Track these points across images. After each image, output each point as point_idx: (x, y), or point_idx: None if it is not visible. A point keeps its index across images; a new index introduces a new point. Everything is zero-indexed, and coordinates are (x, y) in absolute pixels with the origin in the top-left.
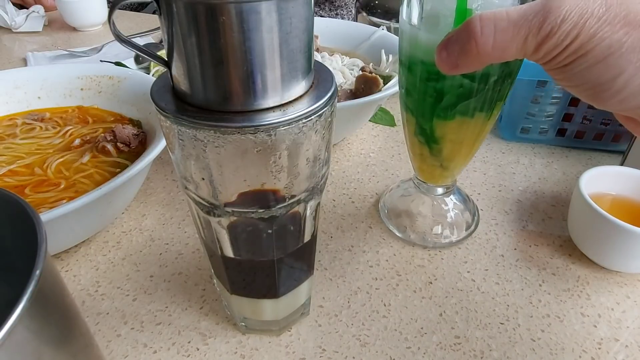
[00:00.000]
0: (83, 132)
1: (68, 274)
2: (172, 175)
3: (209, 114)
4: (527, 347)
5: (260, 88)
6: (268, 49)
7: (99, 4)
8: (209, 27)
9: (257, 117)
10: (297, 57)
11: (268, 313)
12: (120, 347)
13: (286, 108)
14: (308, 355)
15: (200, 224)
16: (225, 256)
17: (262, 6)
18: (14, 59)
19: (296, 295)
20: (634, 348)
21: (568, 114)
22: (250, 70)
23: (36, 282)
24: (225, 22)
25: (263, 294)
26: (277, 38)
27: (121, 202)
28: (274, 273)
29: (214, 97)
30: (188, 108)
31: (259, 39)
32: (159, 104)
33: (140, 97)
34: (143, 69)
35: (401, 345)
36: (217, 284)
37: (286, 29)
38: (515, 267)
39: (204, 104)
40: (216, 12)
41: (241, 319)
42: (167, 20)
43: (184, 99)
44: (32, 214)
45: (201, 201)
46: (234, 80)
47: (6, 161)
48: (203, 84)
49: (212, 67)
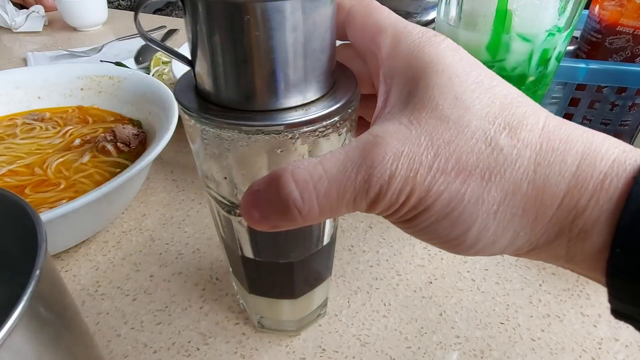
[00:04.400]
0: (83, 132)
1: (68, 274)
2: (172, 175)
3: (232, 113)
4: (527, 347)
5: (283, 87)
6: (292, 48)
7: (99, 4)
8: (234, 27)
9: (280, 116)
10: (320, 57)
11: (286, 313)
12: (120, 347)
13: (308, 107)
14: (308, 355)
15: (221, 223)
16: (244, 256)
17: (287, 5)
18: (14, 59)
19: (314, 296)
20: (634, 348)
21: (568, 114)
22: (274, 69)
23: (36, 282)
24: (251, 21)
25: (281, 294)
26: (301, 37)
27: (121, 202)
28: (292, 274)
29: (237, 96)
30: (211, 107)
31: (284, 38)
32: (183, 103)
33: (140, 97)
34: (143, 69)
35: (401, 345)
36: (235, 282)
37: (310, 28)
38: (515, 267)
39: (227, 102)
40: (241, 12)
41: (258, 317)
42: (191, 19)
43: (207, 98)
44: (32, 214)
45: (222, 200)
46: (258, 79)
47: (6, 161)
48: (227, 83)
49: (237, 66)
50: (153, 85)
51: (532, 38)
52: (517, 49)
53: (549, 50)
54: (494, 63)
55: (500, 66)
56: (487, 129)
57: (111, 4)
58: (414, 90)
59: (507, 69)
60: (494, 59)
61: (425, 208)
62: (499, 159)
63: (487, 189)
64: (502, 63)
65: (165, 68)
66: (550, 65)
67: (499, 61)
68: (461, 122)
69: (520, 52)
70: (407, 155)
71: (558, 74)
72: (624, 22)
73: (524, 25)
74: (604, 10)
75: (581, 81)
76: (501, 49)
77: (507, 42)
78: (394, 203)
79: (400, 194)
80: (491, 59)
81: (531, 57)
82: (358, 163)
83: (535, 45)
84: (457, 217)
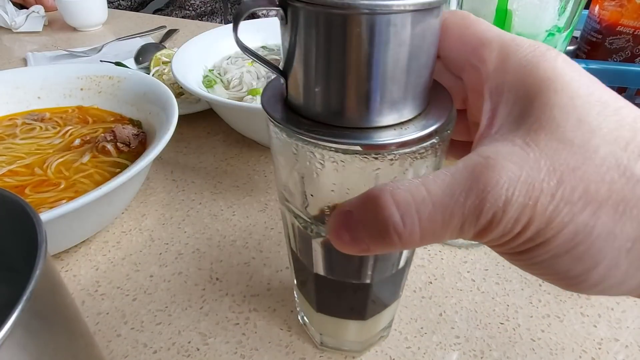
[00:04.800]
0: (83, 132)
1: (68, 274)
2: (172, 175)
3: (328, 129)
4: (527, 347)
5: (384, 104)
6: (400, 62)
7: (99, 4)
8: (340, 38)
9: (377, 135)
10: (423, 72)
11: (352, 334)
12: (120, 347)
13: (407, 126)
14: (308, 355)
15: (294, 238)
16: (317, 274)
17: (399, 18)
18: (14, 59)
19: (382, 318)
20: (634, 348)
21: None
22: (377, 84)
23: (36, 282)
24: (359, 34)
25: (351, 315)
26: (410, 51)
27: (121, 202)
28: (367, 296)
29: (333, 111)
30: (303, 121)
31: (393, 52)
32: (273, 116)
33: (140, 97)
34: (143, 69)
35: (401, 345)
36: (298, 297)
37: (418, 42)
38: (515, 267)
39: (320, 117)
40: (350, 23)
41: (320, 336)
42: (292, 28)
43: (297, 111)
44: (32, 214)
45: (302, 216)
46: (358, 95)
47: (6, 161)
48: (324, 98)
49: (338, 81)
50: (153, 85)
51: (532, 38)
52: None
53: None
54: None
55: None
56: (619, 156)
57: (111, 4)
58: (528, 109)
59: None
60: None
61: (544, 241)
62: (635, 191)
63: (621, 224)
64: None
65: (165, 68)
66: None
67: None
68: (587, 147)
69: None
70: (525, 180)
71: None
72: (624, 22)
73: (524, 25)
74: (604, 11)
75: None
76: None
77: None
78: (507, 233)
79: (516, 224)
80: None
81: None
82: (467, 186)
83: None
84: (582, 253)
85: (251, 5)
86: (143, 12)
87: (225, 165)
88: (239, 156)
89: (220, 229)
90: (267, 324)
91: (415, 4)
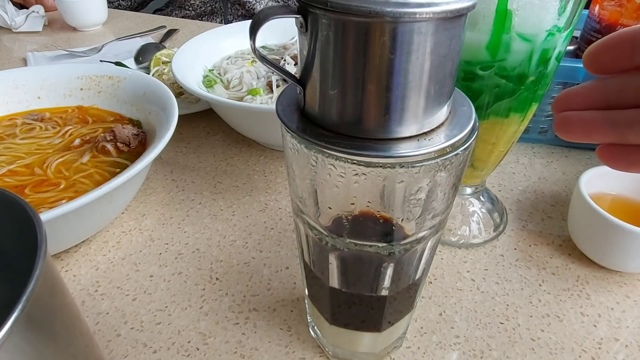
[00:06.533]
0: (83, 132)
1: (68, 274)
2: (172, 175)
3: (349, 141)
4: (526, 347)
5: (407, 115)
6: (424, 72)
7: (99, 4)
8: (363, 47)
9: (397, 147)
10: (447, 82)
11: (365, 345)
12: (120, 347)
13: (430, 137)
14: (308, 355)
15: (308, 250)
16: (332, 287)
17: (426, 26)
18: (14, 59)
19: (396, 329)
20: (634, 348)
21: None
22: (400, 94)
23: (36, 282)
24: (383, 42)
25: (366, 327)
26: (436, 59)
27: (121, 202)
28: (381, 309)
29: (353, 122)
30: (322, 132)
31: (417, 61)
32: (290, 127)
33: (140, 97)
34: (143, 69)
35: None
36: (310, 307)
37: (444, 52)
38: (515, 267)
39: (339, 128)
40: (373, 31)
41: (333, 348)
42: (311, 36)
43: (315, 121)
44: (32, 214)
45: (319, 228)
46: (380, 106)
47: (6, 161)
48: (345, 108)
49: (359, 90)
50: (153, 85)
51: (532, 38)
52: (517, 48)
53: (549, 50)
54: (494, 63)
55: (500, 66)
56: None
57: (111, 4)
58: None
59: (507, 68)
60: (494, 59)
61: None
62: None
63: None
64: (502, 63)
65: (165, 68)
66: (550, 65)
67: (499, 61)
68: None
69: (520, 52)
70: None
71: (558, 74)
72: (624, 22)
73: (524, 25)
74: (604, 10)
75: (581, 81)
76: (501, 49)
77: (507, 42)
78: None
79: None
80: (491, 58)
81: (531, 57)
82: None
83: (535, 45)
84: None
85: (270, 13)
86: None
87: (225, 165)
88: (238, 156)
89: (220, 229)
90: (267, 324)
91: (441, 11)
